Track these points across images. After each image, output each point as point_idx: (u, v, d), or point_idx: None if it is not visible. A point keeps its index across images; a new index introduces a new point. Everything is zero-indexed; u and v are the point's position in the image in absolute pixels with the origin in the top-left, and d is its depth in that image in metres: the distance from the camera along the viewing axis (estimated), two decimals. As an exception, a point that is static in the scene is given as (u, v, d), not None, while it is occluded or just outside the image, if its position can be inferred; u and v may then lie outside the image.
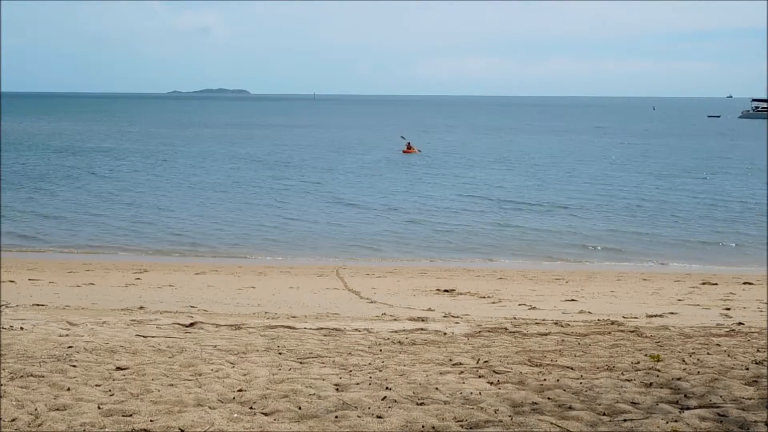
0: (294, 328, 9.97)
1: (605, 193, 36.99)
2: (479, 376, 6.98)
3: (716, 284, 17.55)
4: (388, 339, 9.12)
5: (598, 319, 11.32)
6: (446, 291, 16.19)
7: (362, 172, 45.87)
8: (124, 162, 50.84)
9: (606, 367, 7.33)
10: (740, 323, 10.98)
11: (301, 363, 7.59)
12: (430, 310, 12.99)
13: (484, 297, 15.38)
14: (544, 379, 6.83)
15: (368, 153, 59.83)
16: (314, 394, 6.32)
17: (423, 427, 5.54)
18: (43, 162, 49.55)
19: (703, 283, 17.68)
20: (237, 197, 35.16)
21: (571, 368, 7.31)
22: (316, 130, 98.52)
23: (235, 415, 5.78)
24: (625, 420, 5.66)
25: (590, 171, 47.50)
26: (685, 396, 6.21)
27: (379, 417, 5.74)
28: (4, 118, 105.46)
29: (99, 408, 5.87)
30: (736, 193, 37.26)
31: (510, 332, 9.68)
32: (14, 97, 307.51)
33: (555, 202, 33.82)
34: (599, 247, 24.67)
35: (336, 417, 5.73)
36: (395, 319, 11.42)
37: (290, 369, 7.29)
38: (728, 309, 13.45)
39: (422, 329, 9.98)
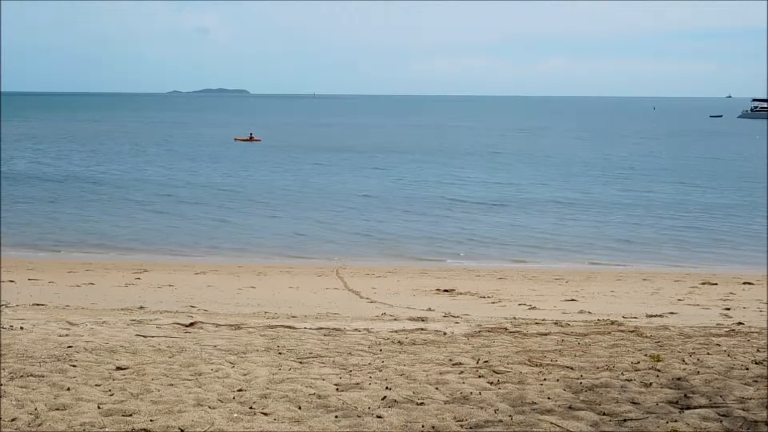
0: (294, 328, 9.96)
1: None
2: (479, 376, 6.98)
3: (716, 284, 17.55)
4: (388, 339, 9.12)
5: (598, 319, 11.32)
6: (446, 291, 16.19)
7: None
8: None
9: (606, 367, 7.33)
10: (740, 323, 10.98)
11: (301, 363, 7.59)
12: (430, 310, 12.99)
13: (484, 297, 15.38)
14: (544, 379, 6.83)
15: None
16: (314, 394, 6.32)
17: (423, 427, 5.54)
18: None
19: (703, 283, 17.68)
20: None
21: (571, 368, 7.31)
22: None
23: (235, 415, 5.79)
24: (625, 420, 5.66)
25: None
26: (685, 396, 6.21)
27: (379, 417, 5.74)
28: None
29: (99, 408, 5.88)
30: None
31: (510, 332, 9.67)
32: (12, 96, 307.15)
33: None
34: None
35: (336, 417, 5.73)
36: (395, 319, 11.42)
37: (290, 369, 7.29)
38: (728, 309, 13.45)
39: (422, 329, 9.97)
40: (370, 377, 6.93)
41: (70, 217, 29.23)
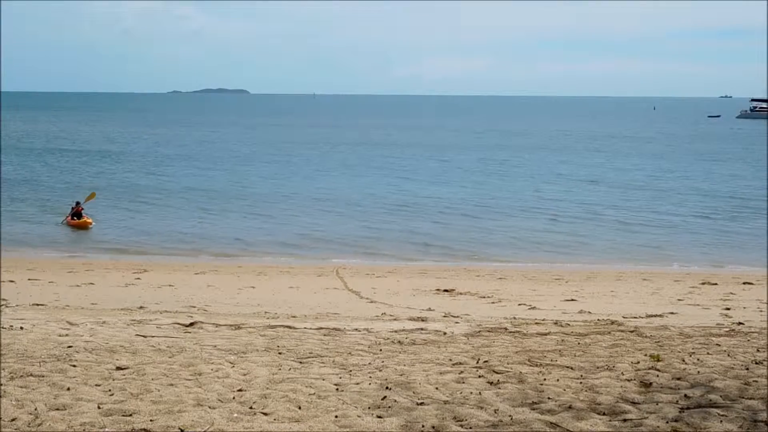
0: (294, 328, 9.97)
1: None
2: (479, 376, 6.98)
3: (716, 284, 17.54)
4: (388, 339, 9.12)
5: (598, 319, 11.32)
6: (446, 291, 16.18)
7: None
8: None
9: (606, 367, 7.33)
10: (740, 323, 10.98)
11: (301, 363, 7.59)
12: (430, 310, 12.98)
13: (484, 297, 15.37)
14: (544, 379, 6.83)
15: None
16: (314, 394, 6.32)
17: (423, 427, 5.54)
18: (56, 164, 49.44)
19: (703, 283, 17.68)
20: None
21: (571, 368, 7.31)
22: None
23: (235, 415, 5.79)
24: (625, 420, 5.66)
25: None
26: (685, 396, 6.21)
27: (379, 417, 5.74)
28: (6, 116, 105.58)
29: (99, 408, 5.88)
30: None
31: (510, 332, 9.68)
32: (13, 96, 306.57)
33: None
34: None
35: (336, 417, 5.73)
36: (395, 319, 11.42)
37: (290, 369, 7.29)
38: (728, 309, 13.45)
39: (422, 329, 9.98)
40: (370, 377, 6.93)
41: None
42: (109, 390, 6.41)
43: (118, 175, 42.69)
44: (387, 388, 6.52)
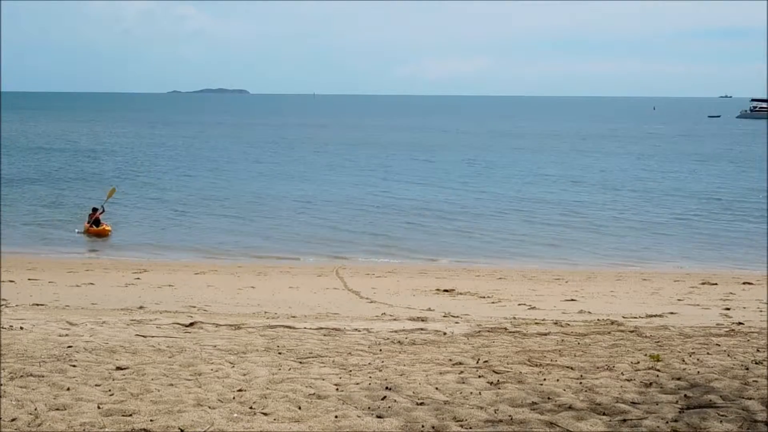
0: (294, 328, 9.97)
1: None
2: (479, 376, 6.99)
3: (716, 284, 17.54)
4: (388, 339, 9.12)
5: (598, 319, 11.32)
6: (446, 291, 16.17)
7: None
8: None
9: (606, 367, 7.33)
10: (740, 323, 10.98)
11: (301, 363, 7.60)
12: (429, 310, 12.98)
13: (484, 297, 15.37)
14: (544, 379, 6.84)
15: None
16: (314, 394, 6.33)
17: (423, 427, 5.54)
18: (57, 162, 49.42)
19: (703, 283, 17.67)
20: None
21: (571, 368, 7.32)
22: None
23: (235, 415, 5.79)
24: (625, 420, 5.67)
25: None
26: (685, 396, 6.21)
27: (379, 417, 5.74)
28: (5, 116, 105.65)
29: (99, 408, 5.88)
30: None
31: (510, 332, 9.68)
32: (13, 96, 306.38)
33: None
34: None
35: (336, 417, 5.74)
36: (395, 319, 11.42)
37: (290, 369, 7.29)
38: (728, 309, 13.45)
39: (422, 329, 9.98)
40: (370, 377, 6.94)
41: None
42: (109, 390, 6.41)
43: (109, 175, 42.68)
44: (387, 388, 6.52)
